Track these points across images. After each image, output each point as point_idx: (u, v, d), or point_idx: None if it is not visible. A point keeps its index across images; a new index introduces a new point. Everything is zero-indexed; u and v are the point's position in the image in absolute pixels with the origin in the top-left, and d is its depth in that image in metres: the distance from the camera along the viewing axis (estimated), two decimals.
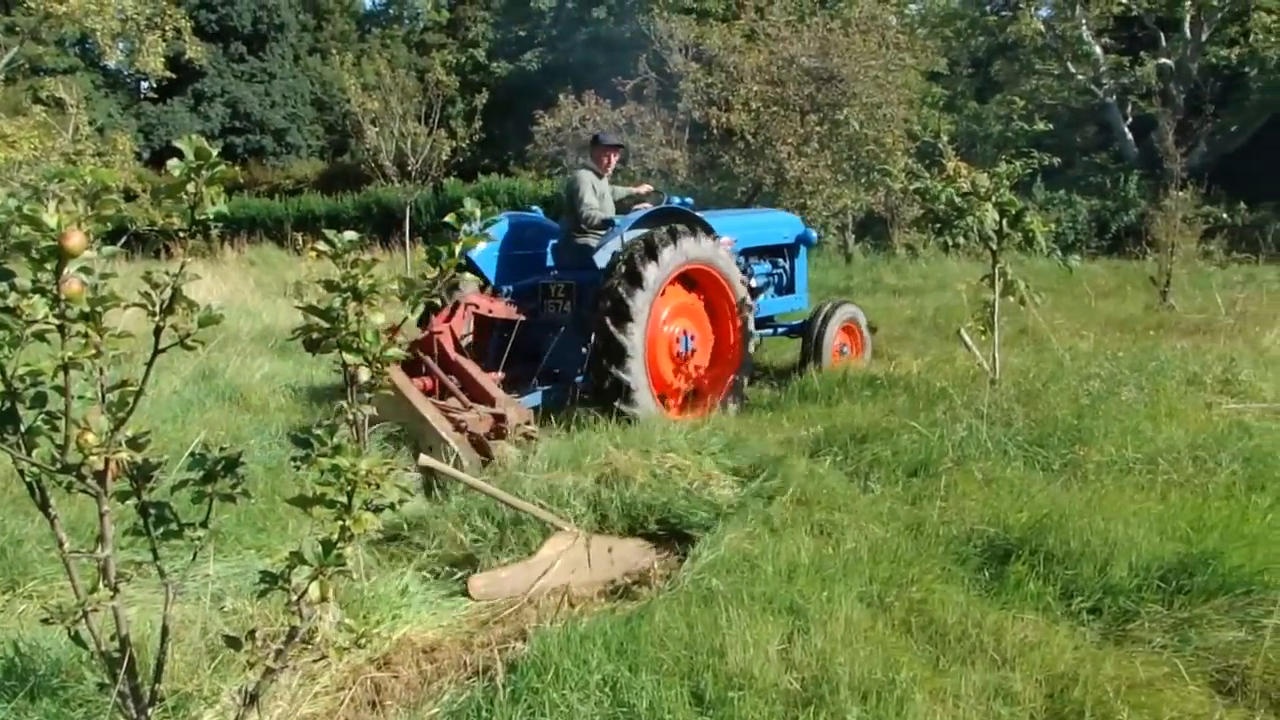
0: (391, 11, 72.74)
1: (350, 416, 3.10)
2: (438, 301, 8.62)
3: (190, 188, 2.77)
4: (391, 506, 3.01)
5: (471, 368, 8.39)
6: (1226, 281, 17.42)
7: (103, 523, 3.05)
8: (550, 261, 10.38)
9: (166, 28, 23.40)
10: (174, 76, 27.69)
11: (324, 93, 53.67)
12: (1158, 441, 7.14)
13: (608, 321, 8.82)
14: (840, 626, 4.45)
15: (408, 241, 23.55)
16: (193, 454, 3.29)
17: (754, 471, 6.99)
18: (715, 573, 5.17)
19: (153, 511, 3.19)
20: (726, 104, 20.33)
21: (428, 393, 8.01)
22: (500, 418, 7.75)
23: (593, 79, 24.29)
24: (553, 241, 10.43)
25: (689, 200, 10.34)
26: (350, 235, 3.05)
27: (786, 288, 12.00)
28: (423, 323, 8.88)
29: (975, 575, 5.23)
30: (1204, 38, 31.87)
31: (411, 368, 8.14)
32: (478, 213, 3.08)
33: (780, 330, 11.79)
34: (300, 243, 21.06)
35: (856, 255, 25.58)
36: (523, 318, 9.38)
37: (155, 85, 31.98)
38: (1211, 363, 9.97)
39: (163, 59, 23.68)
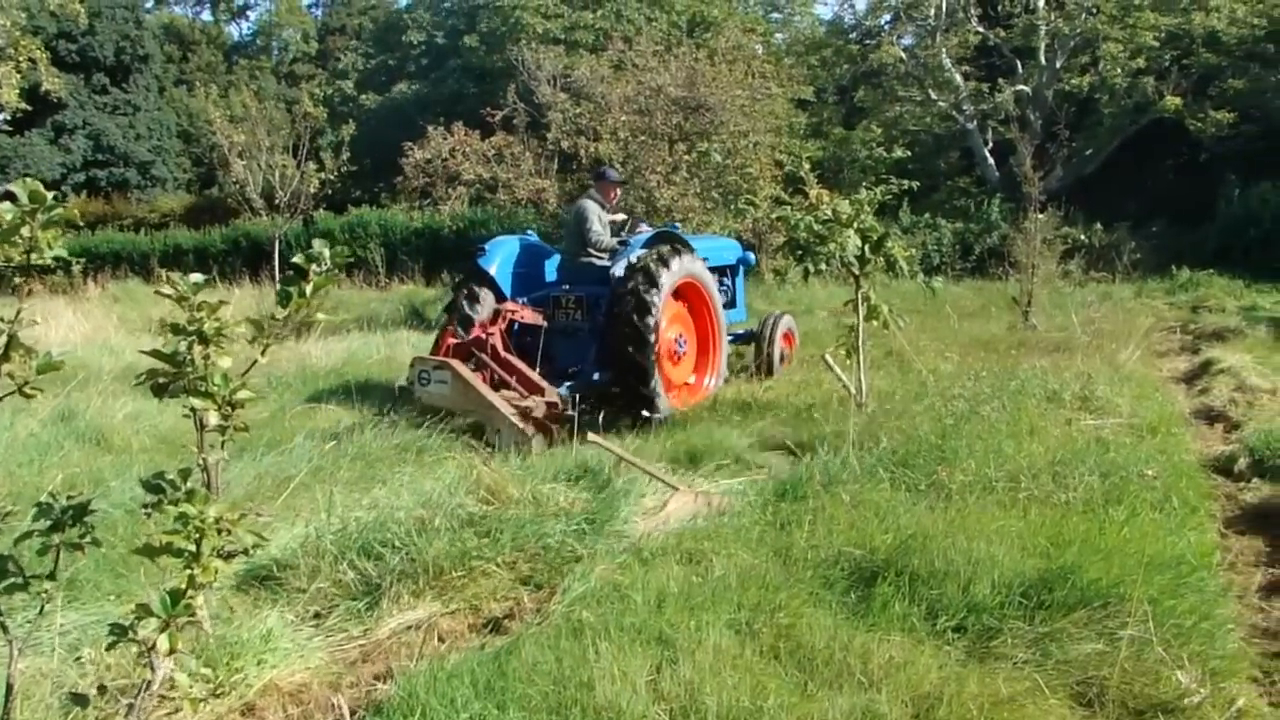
0: (259, 42, 71.86)
1: (200, 461, 3.02)
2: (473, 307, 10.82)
3: (25, 231, 2.68)
4: (245, 552, 2.94)
5: (520, 364, 9.90)
6: (1085, 300, 17.89)
7: None
8: (551, 278, 11.85)
9: (21, 59, 22.80)
10: (30, 109, 26.94)
11: (191, 125, 52.50)
12: (1019, 459, 7.31)
13: (641, 291, 10.17)
14: (709, 655, 4.46)
15: (277, 276, 23.13)
16: (39, 504, 3.19)
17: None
18: (585, 604, 5.15)
19: None
20: (595, 133, 20.40)
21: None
22: (552, 404, 9.31)
23: (463, 109, 24.08)
24: (555, 260, 11.98)
25: (677, 225, 12.45)
26: (196, 277, 2.99)
27: (729, 303, 13.11)
28: (450, 323, 10.82)
29: (842, 598, 5.25)
30: (1058, 65, 32.90)
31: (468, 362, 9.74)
32: (327, 253, 3.05)
33: (728, 339, 12.73)
34: (166, 279, 20.51)
35: None
36: (546, 324, 10.78)
37: (12, 117, 31.10)
38: (1070, 380, 10.24)
39: (18, 90, 23.07)
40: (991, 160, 34.12)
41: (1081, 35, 31.96)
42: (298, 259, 3.12)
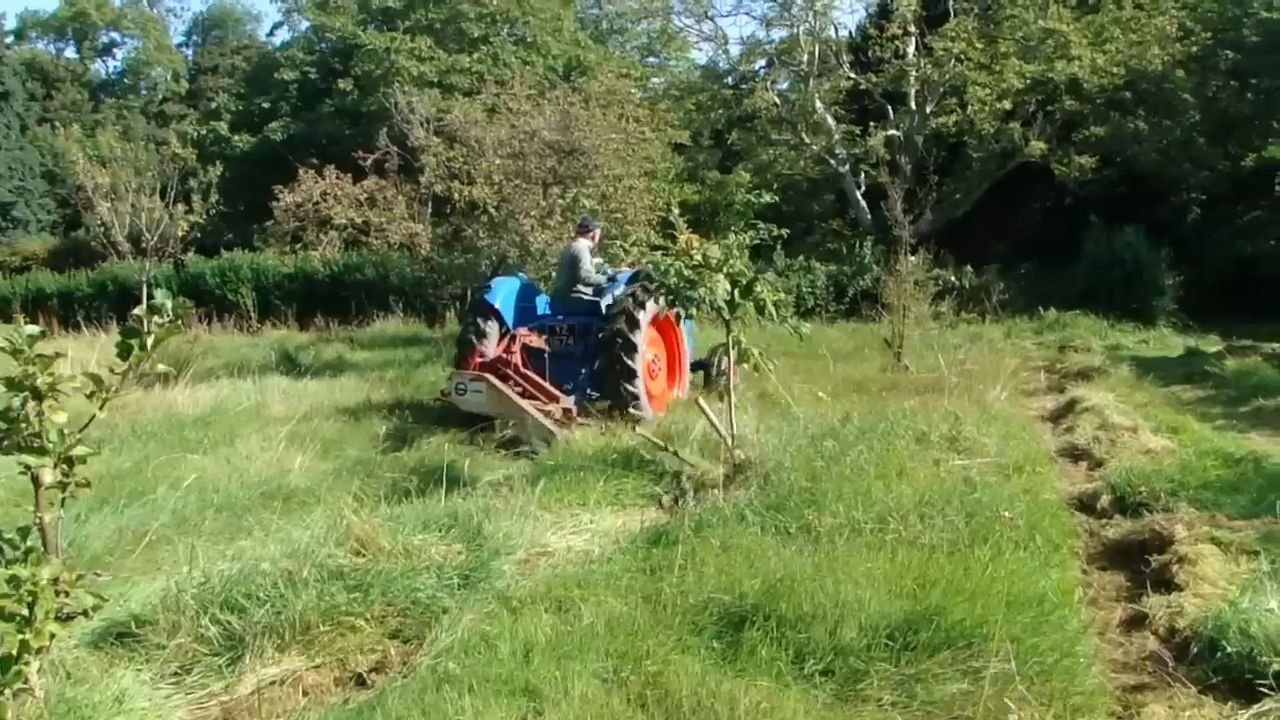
0: (128, 81, 70.50)
1: (37, 520, 2.89)
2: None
3: None
4: (85, 614, 2.82)
5: (537, 377, 12.03)
6: (955, 342, 18.24)
7: None
8: (543, 310, 13.95)
9: None
10: None
11: (56, 165, 51.07)
12: (888, 501, 7.38)
13: (633, 311, 12.36)
14: (575, 706, 4.40)
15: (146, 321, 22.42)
16: None
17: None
18: (452, 656, 5.05)
19: None
20: (469, 177, 20.24)
21: None
22: (569, 410, 11.51)
23: (337, 152, 23.67)
24: (545, 296, 14.22)
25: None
26: (32, 329, 2.87)
27: None
28: (460, 355, 13.01)
29: (711, 644, 5.22)
30: (928, 110, 33.67)
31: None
32: (169, 304, 2.96)
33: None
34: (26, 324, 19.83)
35: None
36: (548, 348, 12.82)
37: None
38: (938, 421, 10.40)
39: None
40: (864, 203, 34.72)
41: (950, 81, 32.76)
42: (139, 310, 3.02)
